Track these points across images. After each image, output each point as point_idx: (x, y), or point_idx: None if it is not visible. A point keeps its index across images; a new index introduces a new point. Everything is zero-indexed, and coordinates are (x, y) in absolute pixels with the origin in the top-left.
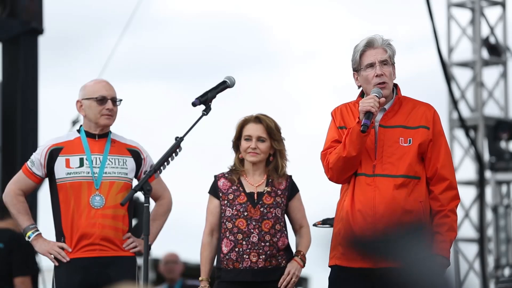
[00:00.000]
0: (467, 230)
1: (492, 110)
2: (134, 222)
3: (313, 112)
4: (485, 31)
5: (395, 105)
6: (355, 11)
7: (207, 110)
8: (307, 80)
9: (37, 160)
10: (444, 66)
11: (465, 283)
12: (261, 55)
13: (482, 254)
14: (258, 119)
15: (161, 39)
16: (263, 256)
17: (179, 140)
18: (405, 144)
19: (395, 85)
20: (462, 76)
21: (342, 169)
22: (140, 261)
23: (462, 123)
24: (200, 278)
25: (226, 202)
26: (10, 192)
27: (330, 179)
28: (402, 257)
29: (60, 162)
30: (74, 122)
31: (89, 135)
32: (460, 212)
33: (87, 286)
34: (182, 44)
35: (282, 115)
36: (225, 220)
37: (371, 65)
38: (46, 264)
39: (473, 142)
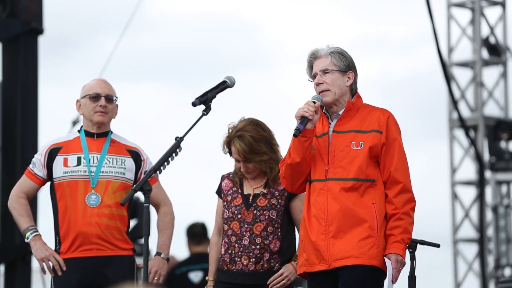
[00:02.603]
0: (467, 230)
1: (492, 110)
2: (134, 222)
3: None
4: (485, 31)
5: (350, 111)
6: (351, 11)
7: (207, 110)
8: (303, 79)
9: (38, 160)
10: (444, 66)
11: None
12: (256, 55)
13: (482, 254)
14: (234, 141)
15: (155, 40)
16: (253, 260)
17: (179, 140)
18: (357, 148)
19: (356, 92)
20: (462, 76)
21: (291, 176)
22: (140, 261)
23: (462, 123)
24: (206, 278)
25: (225, 203)
26: (12, 196)
27: (285, 188)
28: None
29: (58, 161)
30: (75, 122)
31: (88, 134)
32: (460, 212)
33: (85, 286)
34: (176, 44)
35: (278, 114)
36: (224, 222)
37: (315, 75)
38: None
39: (473, 142)
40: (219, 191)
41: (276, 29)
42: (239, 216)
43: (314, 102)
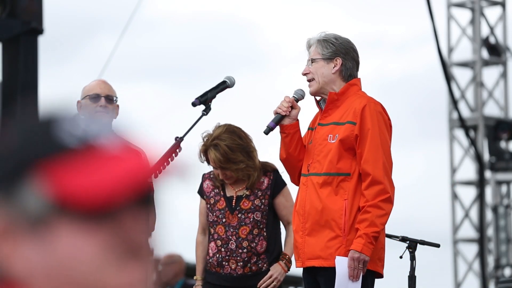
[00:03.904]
0: (467, 230)
1: (492, 110)
2: None
3: (310, 111)
4: (485, 31)
5: (335, 102)
6: (349, 11)
7: (207, 110)
8: (301, 79)
9: None
10: (444, 66)
11: None
12: (254, 55)
13: (482, 254)
14: (210, 151)
15: (153, 40)
16: (241, 263)
17: (179, 140)
18: (332, 141)
19: (351, 79)
20: (462, 76)
21: (287, 170)
22: None
23: (462, 123)
24: (195, 277)
25: (208, 206)
26: None
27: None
28: None
29: None
30: None
31: None
32: (460, 212)
33: None
34: (174, 45)
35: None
36: (209, 225)
37: None
38: None
39: (473, 142)
40: (201, 192)
41: (274, 29)
42: (224, 220)
43: (295, 97)
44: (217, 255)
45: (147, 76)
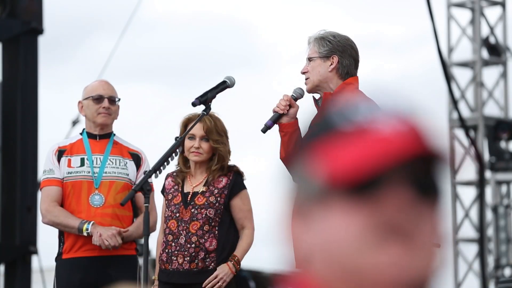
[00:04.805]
0: (467, 230)
1: (492, 110)
2: None
3: (308, 110)
4: (485, 31)
5: (325, 102)
6: (347, 11)
7: (206, 110)
8: (299, 80)
9: (51, 164)
10: (444, 66)
11: None
12: (252, 55)
13: (482, 254)
14: (203, 118)
15: (151, 41)
16: (188, 258)
17: (179, 140)
18: None
19: (348, 81)
20: (462, 76)
21: (288, 170)
22: (140, 261)
23: (462, 123)
24: (153, 277)
25: (166, 202)
26: (44, 213)
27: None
28: None
29: (63, 162)
30: (74, 122)
31: (90, 136)
32: (460, 212)
33: (87, 285)
34: (172, 45)
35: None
36: (163, 221)
37: None
38: (46, 264)
39: (473, 142)
40: (163, 190)
41: (271, 30)
42: (177, 214)
43: (293, 96)
44: (167, 250)
45: (146, 76)
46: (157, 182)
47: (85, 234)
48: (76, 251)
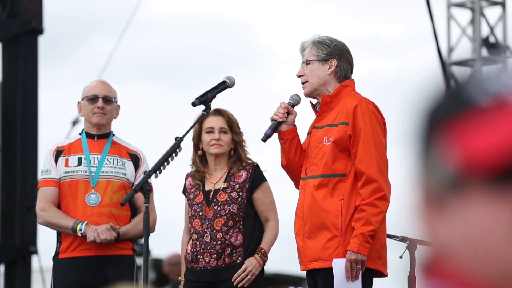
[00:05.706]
0: None
1: None
2: None
3: (307, 110)
4: (485, 31)
5: (329, 104)
6: (346, 11)
7: (206, 110)
8: (295, 79)
9: (48, 164)
10: (444, 66)
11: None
12: (249, 56)
13: None
14: (217, 111)
15: (150, 41)
16: (215, 255)
17: (179, 140)
18: (327, 143)
19: (345, 83)
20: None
21: (290, 177)
22: (140, 261)
23: None
24: (179, 278)
25: (189, 202)
26: (39, 213)
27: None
28: None
29: (60, 162)
30: (74, 122)
31: (88, 136)
32: None
33: (84, 285)
34: (170, 45)
35: (271, 113)
36: (188, 221)
37: None
38: (46, 264)
39: None
40: (184, 190)
41: (268, 30)
42: (201, 213)
43: (290, 103)
44: (193, 250)
45: (145, 76)
46: (157, 182)
47: (79, 234)
48: (73, 251)
